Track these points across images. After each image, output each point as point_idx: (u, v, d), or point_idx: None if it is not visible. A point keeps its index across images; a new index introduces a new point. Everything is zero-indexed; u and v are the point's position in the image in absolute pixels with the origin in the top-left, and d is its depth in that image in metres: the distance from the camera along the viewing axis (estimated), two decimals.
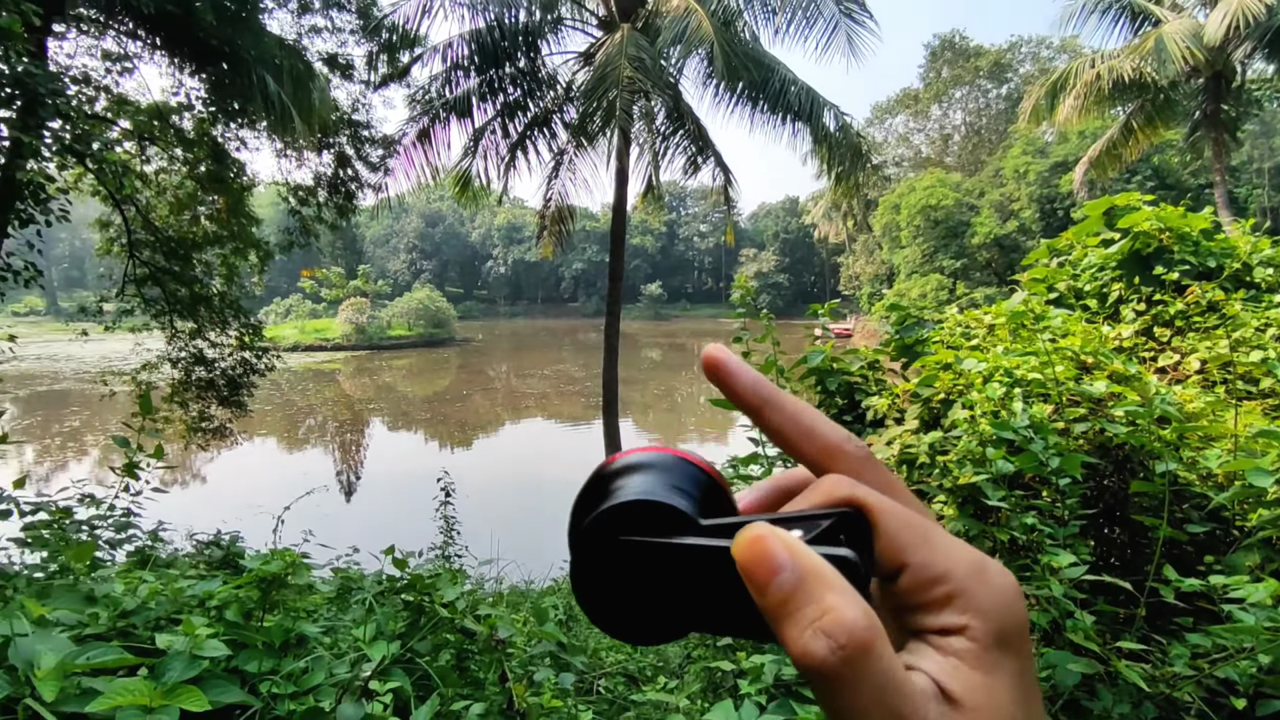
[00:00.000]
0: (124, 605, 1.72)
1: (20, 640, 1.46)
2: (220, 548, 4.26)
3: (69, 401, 28.11)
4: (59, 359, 39.29)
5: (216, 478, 18.14)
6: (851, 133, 11.01)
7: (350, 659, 1.81)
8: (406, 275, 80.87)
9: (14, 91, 5.69)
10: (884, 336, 4.08)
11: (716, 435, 22.16)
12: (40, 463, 19.22)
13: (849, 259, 64.41)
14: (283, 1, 9.77)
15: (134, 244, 10.70)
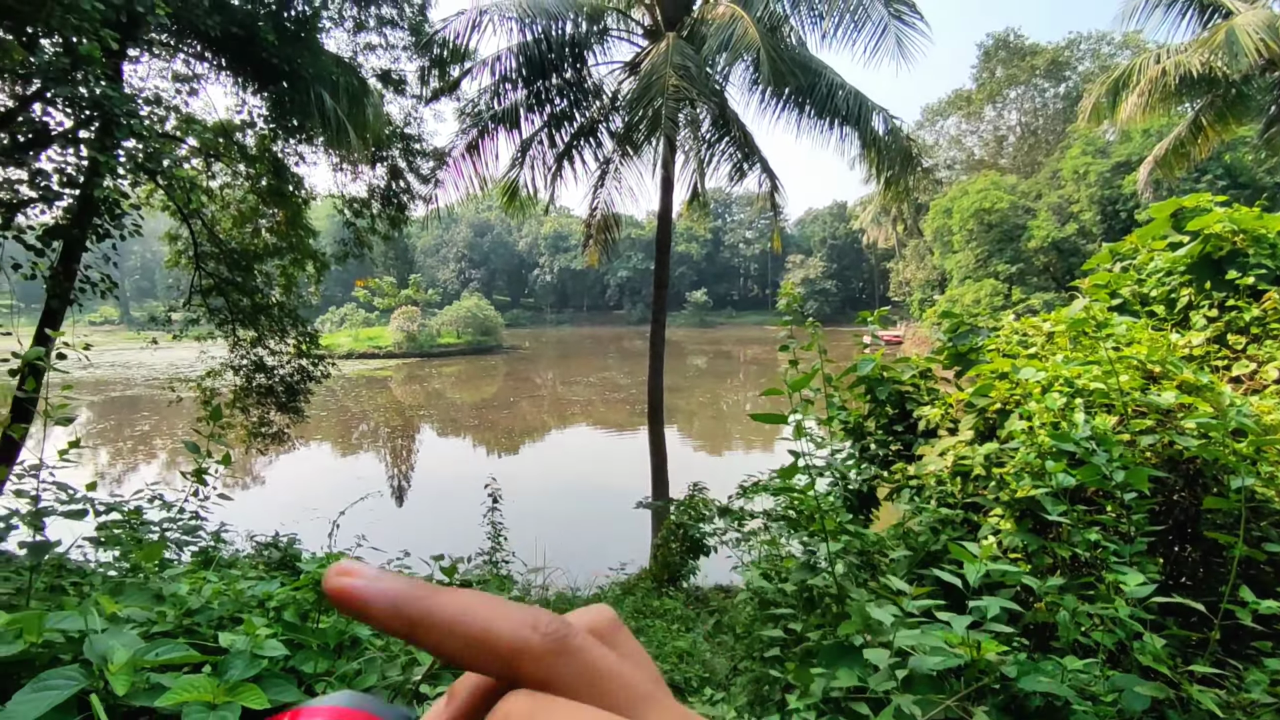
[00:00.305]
0: (189, 604, 1.79)
1: (95, 636, 1.53)
2: (278, 549, 4.41)
3: (140, 407, 29.48)
4: (131, 366, 41.30)
5: (274, 481, 18.77)
6: (901, 136, 10.81)
7: (401, 662, 1.84)
8: (455, 284, 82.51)
9: (93, 113, 6.02)
10: (936, 344, 3.98)
11: (763, 443, 21.94)
12: (113, 465, 20.20)
13: (899, 264, 63.14)
14: (339, 20, 10.11)
15: (200, 256, 11.20)
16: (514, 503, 7.20)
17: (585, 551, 9.12)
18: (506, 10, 10.29)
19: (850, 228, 78.10)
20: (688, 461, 18.81)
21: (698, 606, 6.93)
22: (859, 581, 2.62)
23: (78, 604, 1.66)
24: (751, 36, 8.64)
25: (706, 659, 3.91)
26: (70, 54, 5.65)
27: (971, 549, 1.91)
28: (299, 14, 8.81)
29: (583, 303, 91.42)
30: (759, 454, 20.31)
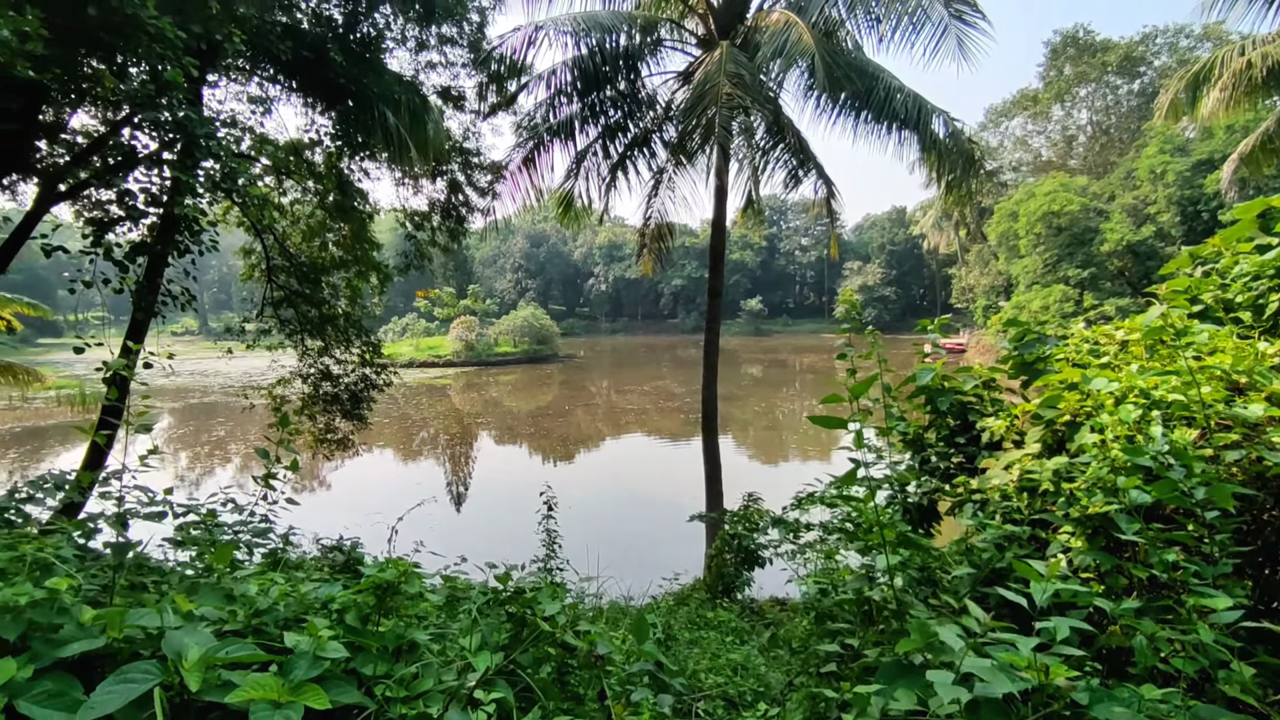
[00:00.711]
0: (258, 605, 1.87)
1: (171, 633, 1.61)
2: (342, 552, 4.54)
3: (216, 413, 30.98)
4: (208, 374, 43.48)
5: (339, 485, 19.42)
6: (963, 139, 10.50)
7: (457, 667, 1.88)
8: (512, 294, 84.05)
9: (175, 136, 6.38)
10: (1001, 353, 3.84)
11: (819, 453, 21.55)
12: (191, 468, 21.27)
13: (961, 270, 61.28)
14: (402, 40, 10.47)
15: (272, 269, 11.72)
16: (568, 510, 7.26)
17: (638, 560, 9.12)
18: (561, 25, 10.47)
19: (910, 233, 76.33)
20: (742, 471, 18.63)
21: (753, 619, 6.83)
22: (919, 597, 2.54)
23: (156, 602, 1.75)
24: (806, 42, 8.56)
25: (761, 673, 3.85)
26: (156, 81, 6.01)
27: (1039, 567, 1.82)
28: (364, 36, 9.16)
29: (637, 311, 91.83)
30: (815, 465, 19.96)
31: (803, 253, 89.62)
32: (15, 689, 1.38)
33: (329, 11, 9.02)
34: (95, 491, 2.80)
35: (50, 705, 1.39)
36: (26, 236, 8.52)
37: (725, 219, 12.01)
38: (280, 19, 7.90)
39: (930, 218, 65.07)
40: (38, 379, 16.91)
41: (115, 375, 2.65)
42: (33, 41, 4.00)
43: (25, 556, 1.83)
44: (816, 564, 4.97)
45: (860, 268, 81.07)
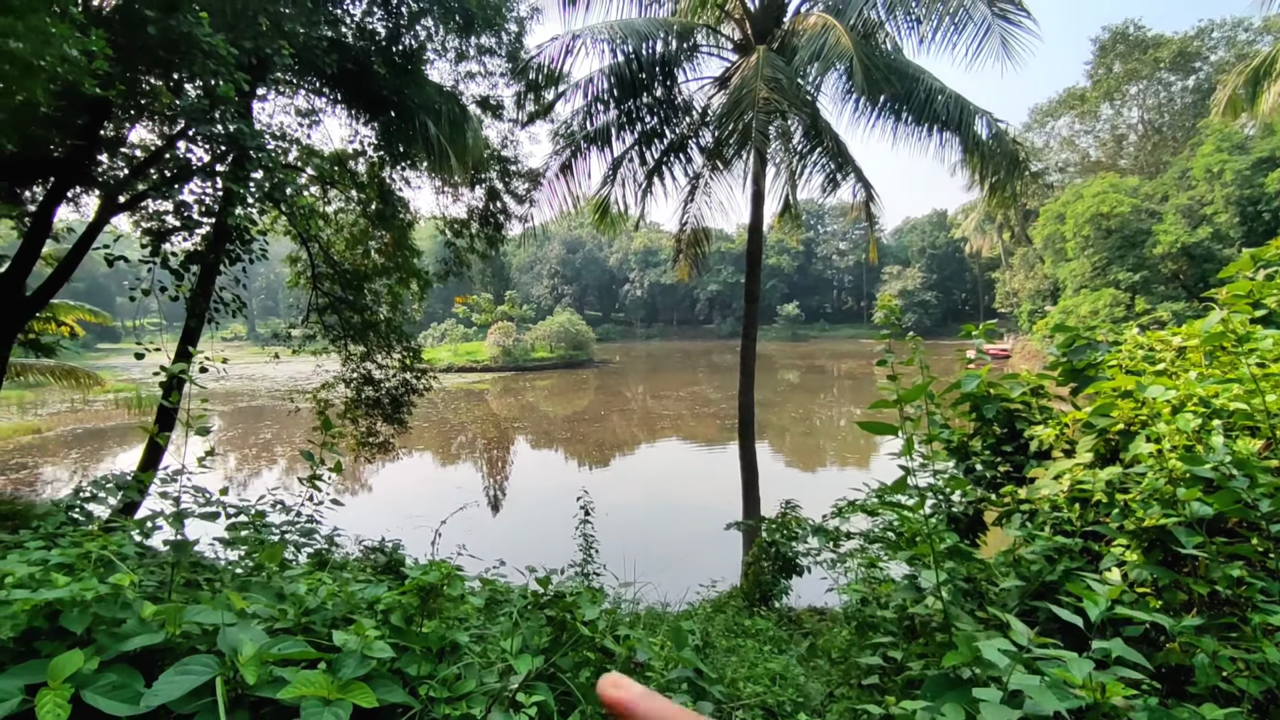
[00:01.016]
0: (307, 603, 1.92)
1: (226, 629, 1.66)
2: (384, 554, 4.63)
3: (263, 416, 31.85)
4: (256, 379, 44.77)
5: (380, 488, 19.79)
6: (1006, 139, 10.27)
7: (498, 669, 1.90)
8: (549, 299, 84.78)
9: (227, 148, 6.61)
10: (1048, 359, 3.73)
11: (857, 460, 21.22)
12: (239, 470, 21.91)
13: (1005, 274, 59.85)
14: (443, 52, 10.68)
15: (317, 276, 12.04)
16: (604, 516, 7.28)
17: (675, 566, 9.09)
18: (598, 33, 10.55)
19: (951, 236, 74.87)
20: (779, 478, 18.44)
21: (790, 628, 6.75)
22: (965, 610, 2.48)
23: (211, 599, 1.81)
24: (844, 45, 8.47)
25: (800, 683, 3.80)
26: (209, 95, 6.23)
27: (1092, 582, 1.77)
28: (406, 48, 9.37)
29: (672, 317, 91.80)
30: (854, 472, 19.65)
31: (840, 257, 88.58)
32: (82, 680, 1.44)
33: (373, 25, 9.24)
34: (153, 491, 2.90)
35: (114, 696, 1.44)
36: (89, 246, 8.91)
37: (762, 224, 11.93)
38: (326, 33, 8.12)
39: (973, 220, 63.71)
40: (98, 382, 17.63)
41: (171, 379, 2.75)
42: (99, 61, 4.19)
43: (90, 553, 1.91)
44: (857, 573, 4.89)
45: (900, 272, 79.74)
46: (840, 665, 3.54)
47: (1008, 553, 2.88)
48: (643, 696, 0.39)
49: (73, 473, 20.39)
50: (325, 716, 1.45)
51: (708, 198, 13.25)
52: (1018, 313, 53.38)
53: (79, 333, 16.26)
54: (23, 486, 18.08)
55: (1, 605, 1.59)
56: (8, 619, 1.55)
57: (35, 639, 1.55)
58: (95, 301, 33.39)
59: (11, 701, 1.38)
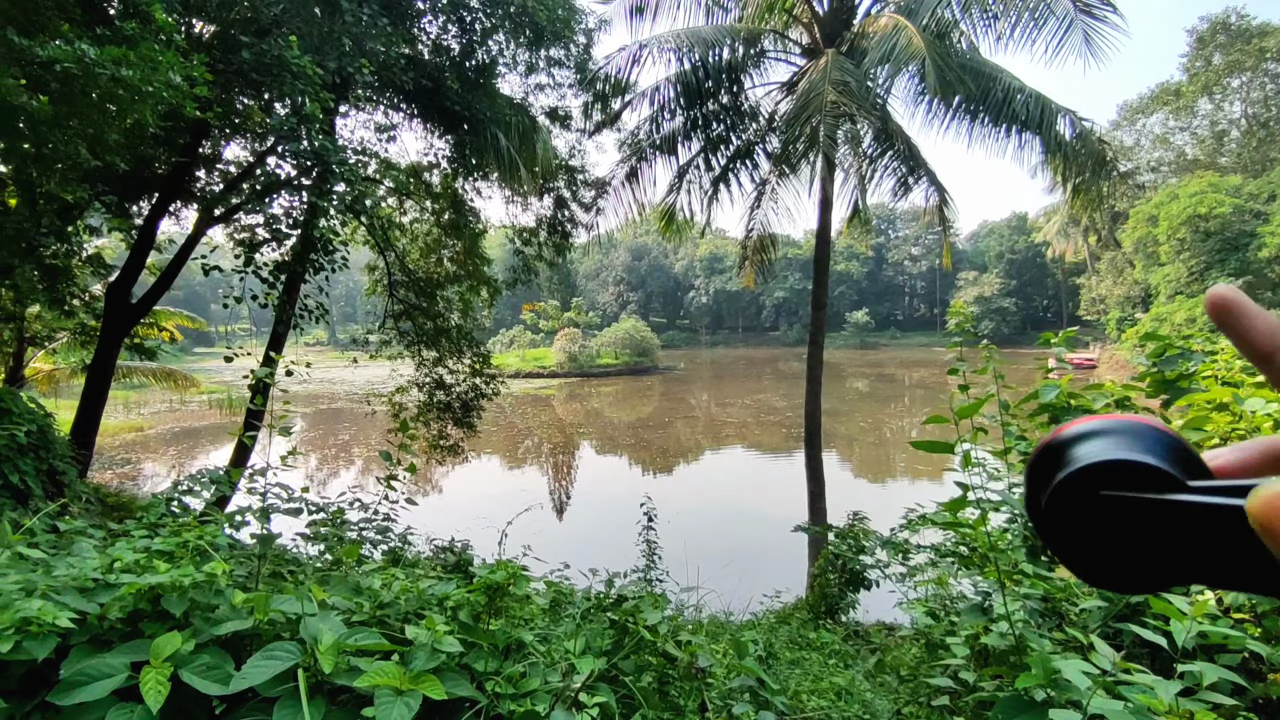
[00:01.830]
0: (381, 598, 2.00)
1: (308, 619, 1.76)
2: (453, 553, 4.77)
3: (341, 418, 33.28)
4: (335, 382, 46.82)
5: (449, 490, 20.36)
6: (1092, 139, 9.78)
7: (561, 669, 1.93)
8: (614, 306, 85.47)
9: (313, 164, 6.98)
10: (1138, 369, 3.53)
11: (930, 472, 20.51)
12: (319, 470, 22.95)
13: (1090, 280, 56.86)
14: (513, 65, 10.98)
15: (393, 284, 12.54)
16: (667, 524, 7.28)
17: (738, 575, 8.98)
18: (665, 42, 10.63)
19: (1032, 240, 71.63)
20: (847, 489, 18.02)
21: (857, 643, 6.58)
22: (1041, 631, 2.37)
23: (294, 590, 1.92)
24: (916, 45, 8.27)
25: (867, 699, 3.70)
26: (297, 114, 6.60)
27: (1181, 604, 1.67)
28: (479, 63, 9.67)
29: (738, 324, 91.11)
30: (926, 484, 19.01)
31: (912, 263, 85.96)
32: (179, 660, 1.55)
33: (447, 42, 9.59)
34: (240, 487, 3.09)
35: (208, 676, 1.55)
36: (188, 257, 9.56)
37: (830, 229, 11.73)
38: (404, 51, 8.47)
39: (1055, 224, 60.83)
40: (193, 384, 18.84)
41: (259, 382, 2.93)
42: (200, 86, 4.50)
43: (188, 543, 2.05)
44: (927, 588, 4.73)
45: (976, 278, 76.73)
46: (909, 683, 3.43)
47: None
48: (1256, 307, 0.40)
49: (170, 468, 21.81)
50: (397, 706, 1.51)
51: (774, 203, 13.13)
52: (1105, 320, 50.61)
53: (177, 337, 17.39)
54: (127, 480, 19.45)
55: (111, 588, 1.73)
56: (116, 601, 1.68)
57: (140, 620, 1.68)
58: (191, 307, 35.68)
59: (119, 677, 1.50)
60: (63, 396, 15.62)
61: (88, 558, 1.84)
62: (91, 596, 1.71)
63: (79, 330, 10.99)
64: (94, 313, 10.20)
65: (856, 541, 7.05)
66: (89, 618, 1.65)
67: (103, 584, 1.75)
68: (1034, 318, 75.04)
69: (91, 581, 1.75)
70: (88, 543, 2.06)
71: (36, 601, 1.54)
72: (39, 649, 1.48)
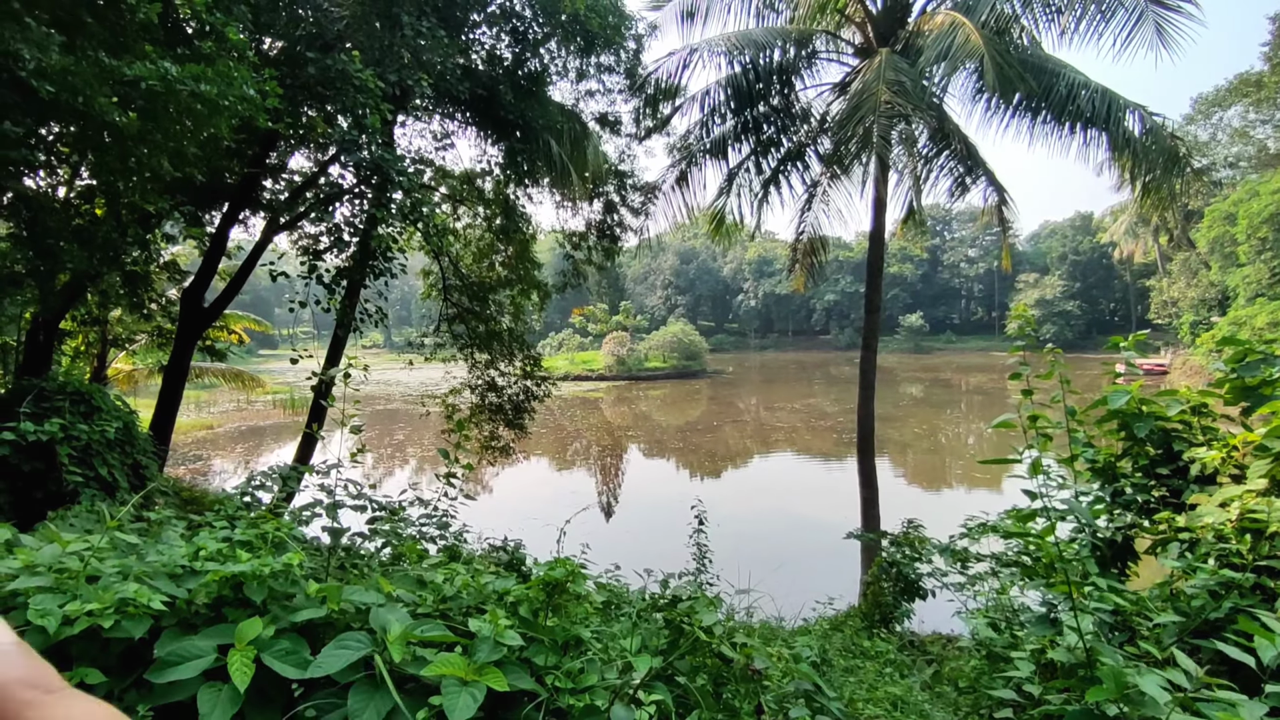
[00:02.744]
0: (444, 592, 2.07)
1: (376, 610, 1.83)
2: (506, 552, 4.86)
3: (397, 419, 34.18)
4: (391, 384, 48.11)
5: (500, 490, 20.69)
6: (1163, 134, 9.36)
7: (618, 666, 1.96)
8: (662, 310, 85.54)
9: (372, 173, 7.21)
10: (1215, 375, 3.37)
11: (988, 480, 19.90)
12: (376, 468, 23.62)
13: (1162, 282, 54.31)
14: (564, 72, 11.14)
15: (447, 288, 12.84)
16: (716, 527, 7.25)
17: (789, 581, 8.88)
18: (715, 46, 10.62)
19: (1097, 241, 68.82)
20: (900, 496, 17.63)
21: (912, 653, 6.43)
22: (1113, 644, 2.29)
23: (363, 582, 2.00)
24: (974, 43, 8.06)
25: (924, 710, 3.62)
26: (358, 125, 6.84)
27: (1269, 620, 1.60)
28: (531, 71, 9.84)
29: (787, 327, 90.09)
30: (983, 493, 18.45)
31: (969, 265, 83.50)
32: (261, 644, 1.63)
33: (500, 51, 9.78)
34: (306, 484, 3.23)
35: (287, 661, 1.63)
36: (255, 263, 9.98)
37: (884, 231, 11.51)
38: (459, 61, 8.68)
39: (1123, 223, 58.31)
40: (259, 385, 19.63)
41: (323, 382, 3.06)
42: (271, 99, 4.72)
43: (267, 534, 2.16)
44: (988, 598, 4.60)
45: (1037, 280, 74.04)
46: (969, 695, 3.34)
47: (1164, 585, 2.64)
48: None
49: (238, 465, 22.76)
50: (463, 696, 1.56)
51: (825, 205, 12.96)
52: (1177, 324, 48.25)
53: (245, 340, 18.18)
54: (199, 476, 20.39)
55: (197, 575, 1.84)
56: (203, 587, 1.79)
57: (223, 606, 1.78)
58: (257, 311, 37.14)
59: (208, 658, 1.59)
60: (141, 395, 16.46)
61: (175, 546, 1.95)
62: (180, 582, 1.82)
63: (156, 333, 11.59)
64: (170, 316, 10.75)
65: (912, 549, 6.90)
66: (178, 602, 1.75)
67: (190, 571, 1.86)
68: (1099, 322, 72.02)
69: (180, 568, 1.86)
70: (174, 531, 2.19)
71: (133, 585, 1.65)
72: (135, 629, 1.59)
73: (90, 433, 4.42)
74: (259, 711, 1.60)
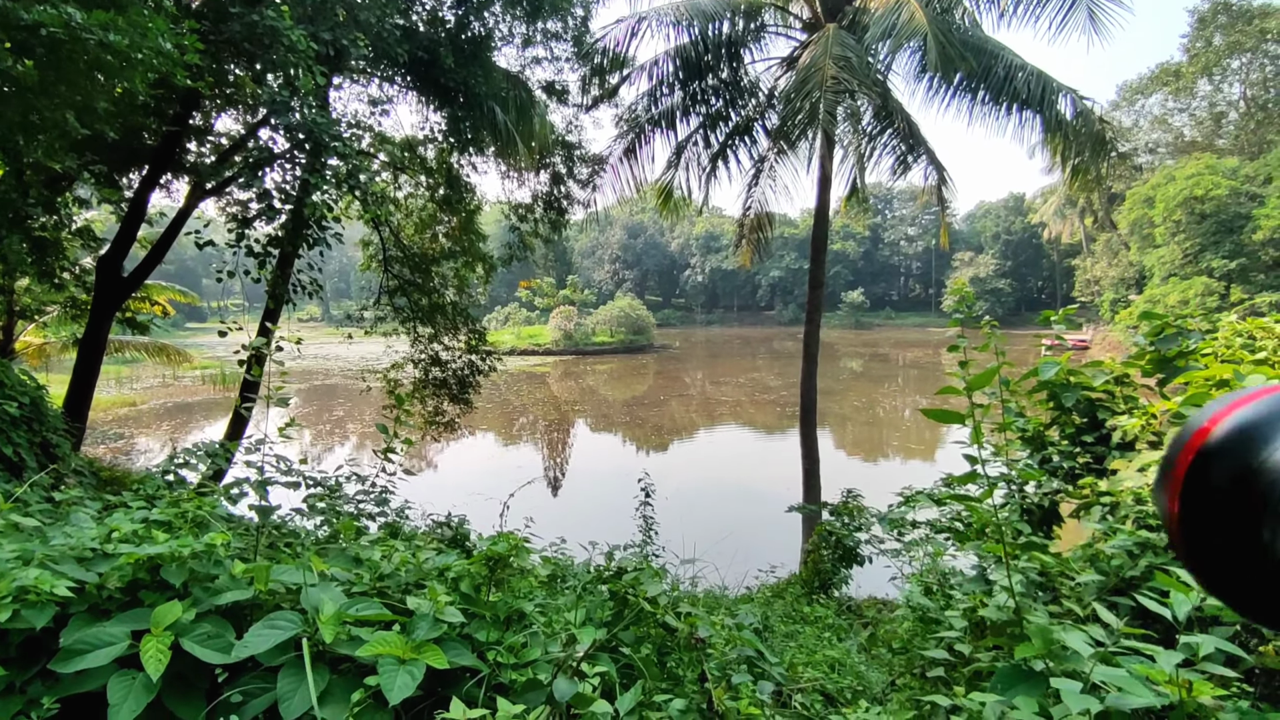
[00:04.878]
0: (381, 569, 2.00)
1: (308, 589, 1.75)
2: (450, 528, 4.78)
3: (336, 394, 33.23)
4: (329, 358, 46.64)
5: (445, 466, 20.41)
6: (1092, 118, 9.71)
7: (562, 639, 1.94)
8: (610, 284, 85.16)
9: (305, 137, 6.86)
10: (1132, 350, 3.53)
11: (922, 451, 20.66)
12: (314, 445, 22.94)
13: (1086, 261, 56.93)
14: (509, 38, 10.80)
15: (387, 260, 12.43)
16: (663, 501, 7.31)
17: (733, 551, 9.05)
18: (664, 15, 10.46)
19: (1028, 221, 71.50)
20: (840, 467, 18.14)
21: (850, 617, 6.65)
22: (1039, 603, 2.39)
23: (293, 561, 1.91)
24: (918, 21, 8.16)
25: (860, 671, 3.74)
26: (290, 86, 6.48)
27: (1183, 575, 1.68)
28: (474, 35, 9.50)
29: (733, 303, 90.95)
30: (918, 464, 19.14)
31: (909, 243, 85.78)
32: (180, 628, 1.54)
33: (442, 13, 9.41)
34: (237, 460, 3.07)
35: (209, 645, 1.54)
36: (179, 230, 9.44)
37: (829, 207, 11.66)
38: (398, 22, 8.30)
39: (1052, 205, 60.66)
40: (186, 359, 18.73)
41: (252, 355, 2.90)
42: (190, 54, 4.40)
43: (187, 513, 2.04)
44: (921, 563, 4.77)
45: (971, 259, 76.65)
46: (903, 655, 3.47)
47: (1086, 547, 2.77)
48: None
49: (163, 443, 21.77)
50: (400, 675, 1.51)
51: (772, 181, 13.03)
52: (1099, 302, 50.72)
53: (169, 312, 17.24)
54: (120, 455, 19.42)
55: (110, 558, 1.72)
56: (115, 571, 1.68)
57: (139, 590, 1.67)
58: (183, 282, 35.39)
59: (120, 645, 1.50)
60: (54, 371, 15.52)
61: (85, 528, 1.82)
62: (90, 566, 1.70)
63: (69, 304, 10.87)
64: (84, 286, 10.09)
65: (851, 518, 7.10)
66: (87, 587, 1.64)
67: (101, 554, 1.74)
68: (1028, 299, 75.17)
69: (90, 551, 1.74)
70: (85, 513, 2.05)
71: (34, 570, 1.53)
72: (37, 618, 1.47)
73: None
74: (180, 699, 1.52)
